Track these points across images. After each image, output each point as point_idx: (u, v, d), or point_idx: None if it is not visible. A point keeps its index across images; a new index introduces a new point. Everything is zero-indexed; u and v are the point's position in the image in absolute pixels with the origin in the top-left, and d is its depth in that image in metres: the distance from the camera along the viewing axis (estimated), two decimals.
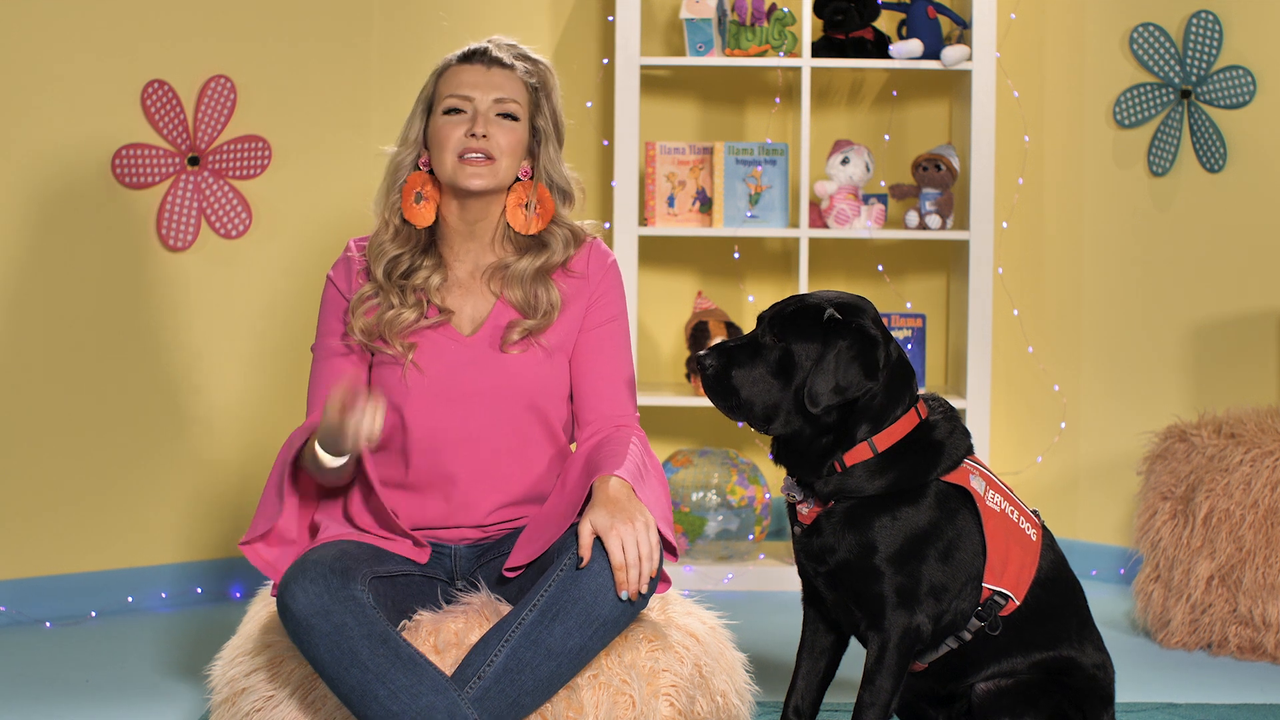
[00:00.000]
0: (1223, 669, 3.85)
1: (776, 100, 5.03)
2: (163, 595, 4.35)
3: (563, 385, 3.01)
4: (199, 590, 4.39)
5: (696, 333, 4.71)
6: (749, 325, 4.90)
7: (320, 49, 4.47)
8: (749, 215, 4.63)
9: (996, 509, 2.83)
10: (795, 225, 4.71)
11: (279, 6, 4.41)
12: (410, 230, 3.02)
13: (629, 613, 2.79)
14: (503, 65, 3.01)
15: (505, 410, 2.97)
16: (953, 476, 2.82)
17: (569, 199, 3.06)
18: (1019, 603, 2.83)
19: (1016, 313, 4.81)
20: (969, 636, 2.84)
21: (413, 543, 2.96)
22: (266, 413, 4.45)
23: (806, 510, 2.85)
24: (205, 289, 4.36)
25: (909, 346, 4.75)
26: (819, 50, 4.63)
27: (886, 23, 4.88)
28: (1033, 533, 2.87)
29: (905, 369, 2.84)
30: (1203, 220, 4.55)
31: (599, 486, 2.82)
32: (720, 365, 2.82)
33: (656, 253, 4.91)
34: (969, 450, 2.87)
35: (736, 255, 4.94)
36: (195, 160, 4.31)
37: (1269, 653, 3.89)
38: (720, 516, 4.60)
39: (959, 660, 2.87)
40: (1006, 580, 2.82)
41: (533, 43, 4.74)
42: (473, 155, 2.95)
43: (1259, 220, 4.48)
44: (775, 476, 4.72)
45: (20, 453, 4.17)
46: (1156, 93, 4.58)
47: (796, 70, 4.70)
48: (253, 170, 4.39)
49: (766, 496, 4.64)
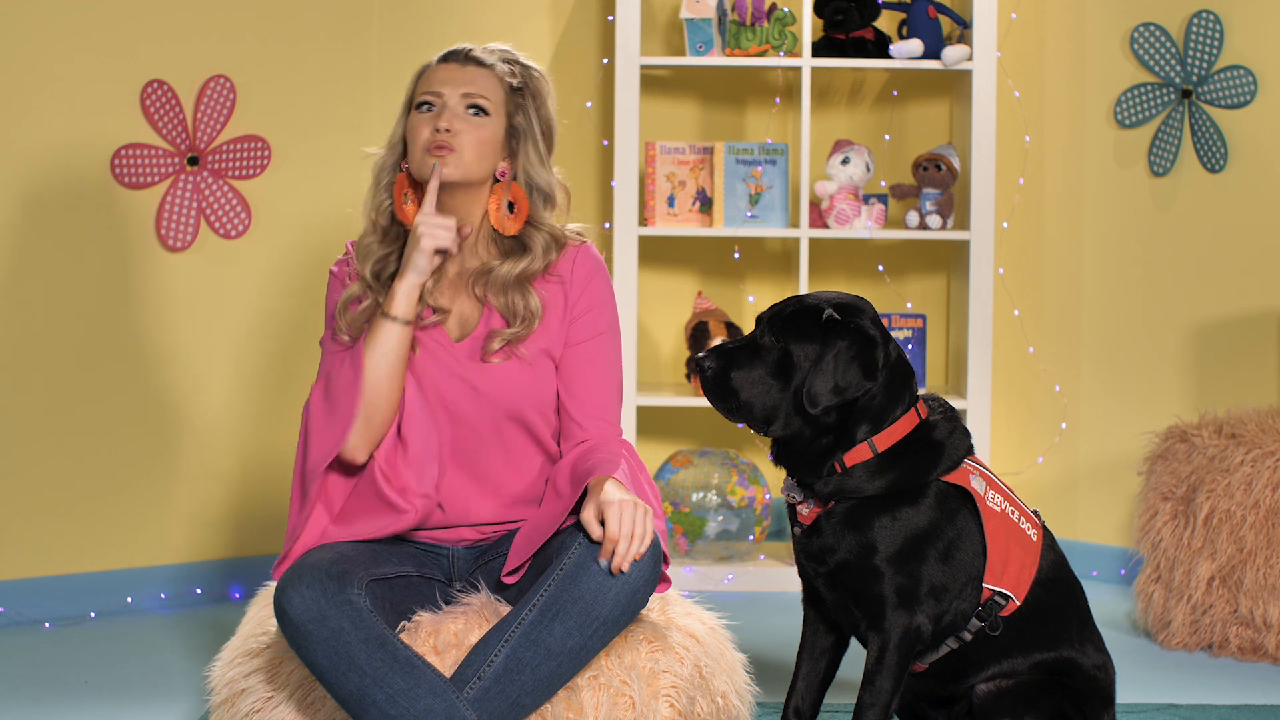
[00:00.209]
0: (1224, 670, 3.85)
1: (777, 100, 5.02)
2: (162, 596, 4.34)
3: (548, 393, 2.98)
4: (198, 591, 4.39)
5: (696, 333, 4.70)
6: (749, 325, 4.89)
7: (319, 49, 4.47)
8: (749, 215, 4.63)
9: (997, 509, 2.82)
10: (795, 225, 4.70)
11: (279, 6, 4.40)
12: (399, 230, 3.00)
13: (629, 612, 2.79)
14: (480, 63, 2.98)
15: (487, 419, 2.96)
16: (953, 477, 2.82)
17: (550, 201, 3.02)
18: (1019, 603, 2.83)
19: (1017, 313, 4.81)
20: (969, 637, 2.84)
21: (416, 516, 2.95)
22: (266, 412, 4.45)
23: (806, 511, 2.85)
24: (204, 289, 4.36)
25: (909, 347, 4.75)
26: (819, 50, 4.63)
27: (887, 22, 4.88)
28: (1033, 533, 2.87)
29: (905, 369, 2.84)
30: (1203, 220, 4.55)
31: (595, 485, 2.81)
32: (719, 367, 2.81)
33: (656, 253, 4.91)
34: (969, 450, 2.87)
35: (737, 255, 4.94)
36: (194, 160, 4.31)
37: (1270, 654, 3.88)
38: (720, 517, 4.59)
39: (959, 661, 2.87)
40: (1007, 580, 2.82)
41: (532, 43, 4.76)
42: (436, 148, 2.93)
43: (1260, 220, 4.47)
44: (775, 477, 4.72)
45: (20, 453, 4.17)
46: (1157, 93, 4.57)
47: (797, 70, 4.69)
48: (252, 170, 4.38)
49: (767, 497, 4.64)
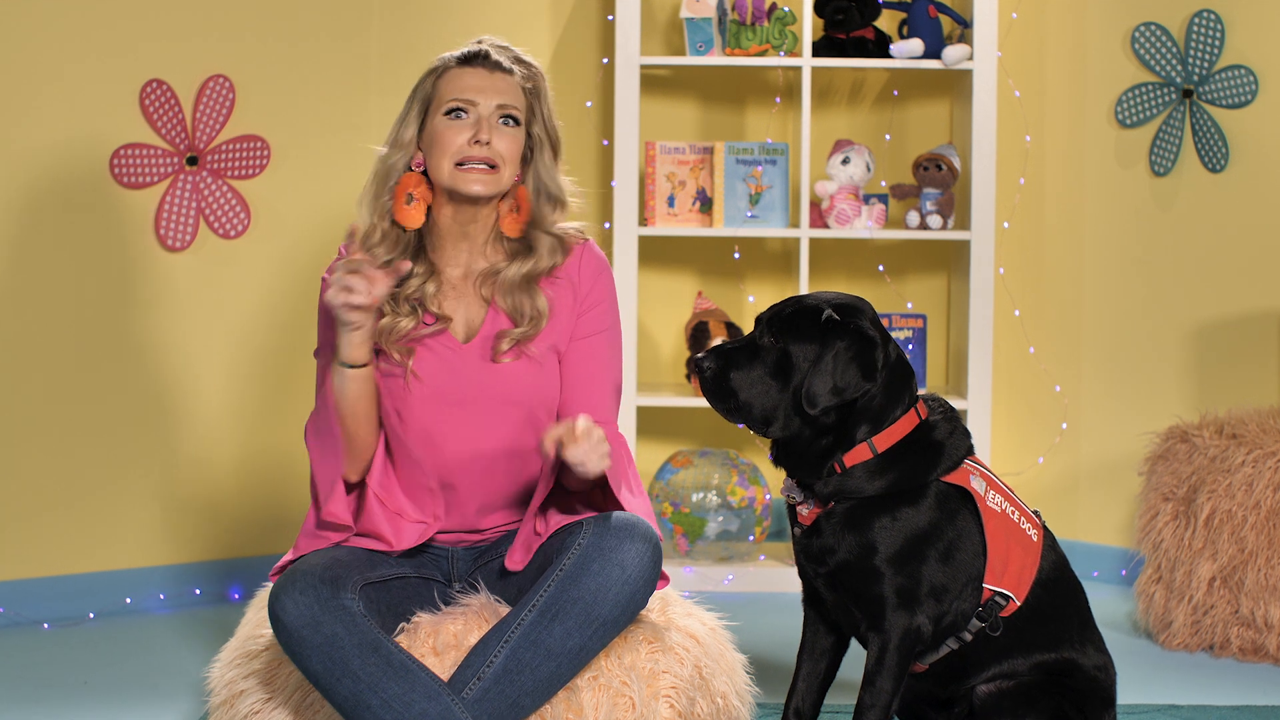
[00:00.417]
0: (1225, 671, 3.85)
1: (777, 100, 5.02)
2: (161, 597, 4.34)
3: (557, 391, 3.00)
4: (197, 592, 4.39)
5: (696, 333, 4.70)
6: (749, 325, 4.89)
7: (319, 49, 4.46)
8: (749, 215, 4.62)
9: (997, 509, 2.82)
10: (796, 225, 4.70)
11: (278, 6, 4.40)
12: (399, 233, 2.99)
13: (629, 613, 2.79)
14: (503, 70, 2.99)
15: (499, 419, 2.96)
16: (953, 477, 2.81)
17: (560, 206, 3.03)
18: (1020, 603, 2.83)
19: (1017, 313, 4.80)
20: (970, 637, 2.83)
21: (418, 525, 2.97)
22: (266, 413, 4.44)
23: (806, 511, 2.85)
24: (204, 289, 4.35)
25: (909, 347, 4.74)
26: (819, 50, 4.62)
27: (887, 22, 4.87)
28: (1034, 533, 2.87)
29: (904, 369, 2.83)
30: (1204, 220, 4.54)
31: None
32: (718, 367, 2.81)
33: (656, 253, 4.90)
34: (969, 450, 2.86)
35: (737, 255, 4.93)
36: (194, 160, 4.30)
37: (1271, 654, 3.88)
38: (720, 517, 4.59)
39: (960, 662, 2.86)
40: (1007, 581, 2.81)
41: (532, 42, 4.75)
42: (475, 164, 2.93)
43: (1261, 220, 4.47)
44: (775, 477, 4.71)
45: (18, 453, 4.17)
46: (1158, 92, 4.57)
47: (797, 70, 4.69)
48: (251, 170, 4.38)
49: (767, 497, 4.63)
